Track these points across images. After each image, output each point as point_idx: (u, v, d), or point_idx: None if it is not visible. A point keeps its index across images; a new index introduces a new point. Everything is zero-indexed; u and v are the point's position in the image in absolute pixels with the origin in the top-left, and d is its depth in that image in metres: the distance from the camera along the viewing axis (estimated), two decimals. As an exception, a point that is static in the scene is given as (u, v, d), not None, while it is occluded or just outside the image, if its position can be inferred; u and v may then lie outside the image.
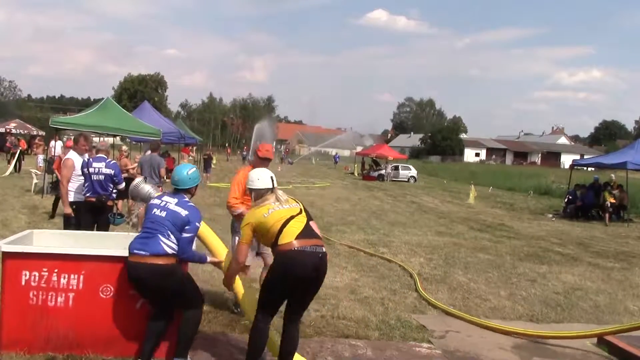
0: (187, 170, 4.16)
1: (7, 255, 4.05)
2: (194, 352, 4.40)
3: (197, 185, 4.22)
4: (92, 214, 6.64)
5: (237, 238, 4.74)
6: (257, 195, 4.02)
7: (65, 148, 11.64)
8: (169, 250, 3.87)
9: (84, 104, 76.86)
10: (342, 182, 29.71)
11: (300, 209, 3.94)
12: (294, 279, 3.70)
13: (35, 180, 15.44)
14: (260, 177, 4.06)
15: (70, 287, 4.09)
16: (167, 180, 15.58)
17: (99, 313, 4.11)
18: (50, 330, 4.07)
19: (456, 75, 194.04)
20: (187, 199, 4.08)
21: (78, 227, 6.57)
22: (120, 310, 4.13)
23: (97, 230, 6.48)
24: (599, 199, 19.06)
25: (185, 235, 3.90)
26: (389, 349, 4.87)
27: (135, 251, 3.87)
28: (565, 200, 19.42)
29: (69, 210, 6.71)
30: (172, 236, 3.88)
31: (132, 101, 62.84)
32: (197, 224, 3.98)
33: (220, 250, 4.44)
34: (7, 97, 67.01)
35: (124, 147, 13.86)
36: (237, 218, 5.21)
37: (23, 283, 4.04)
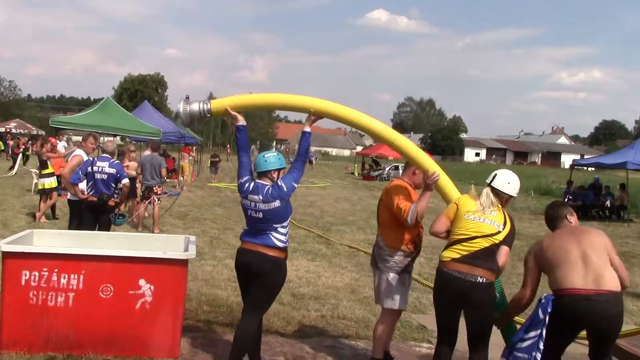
0: (265, 154, 4.02)
1: (7, 255, 4.05)
2: (194, 352, 4.41)
3: (278, 170, 3.95)
4: (93, 213, 6.64)
5: (385, 276, 4.17)
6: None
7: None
8: (279, 244, 3.92)
9: (84, 104, 76.89)
10: (342, 182, 29.71)
11: (492, 233, 3.64)
12: (442, 298, 3.76)
13: (35, 180, 15.44)
14: (511, 181, 3.81)
15: (70, 287, 4.09)
16: (167, 180, 15.64)
17: (99, 313, 4.11)
18: (50, 330, 4.07)
19: (456, 75, 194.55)
20: (268, 186, 3.87)
21: (80, 226, 6.58)
22: (120, 310, 4.14)
23: (99, 230, 6.49)
24: (599, 199, 19.08)
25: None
26: (390, 349, 4.86)
27: (247, 239, 3.95)
28: (565, 200, 19.43)
29: (85, 195, 6.66)
30: (279, 229, 3.92)
31: (132, 101, 62.66)
32: (290, 194, 3.89)
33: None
34: (7, 97, 66.83)
35: (132, 148, 13.95)
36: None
37: (23, 283, 4.04)
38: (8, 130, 36.01)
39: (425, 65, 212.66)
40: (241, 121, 4.13)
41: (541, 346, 3.49)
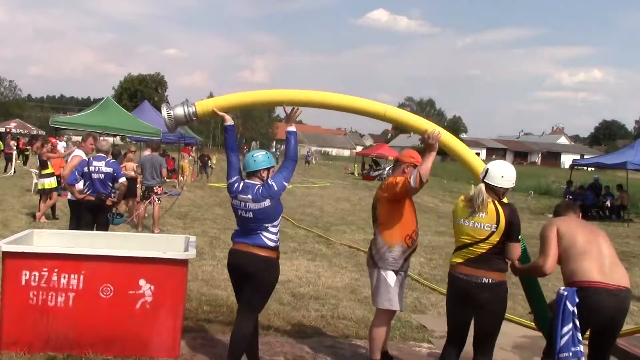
0: (254, 153, 4.02)
1: (7, 255, 4.06)
2: (194, 352, 4.41)
3: (268, 169, 3.96)
4: (91, 213, 6.64)
5: (383, 275, 4.17)
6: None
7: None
8: (270, 243, 3.88)
9: (84, 104, 76.81)
10: (342, 182, 29.71)
11: (486, 236, 3.58)
12: (451, 300, 3.82)
13: (35, 180, 15.43)
14: (505, 174, 3.70)
15: (70, 287, 4.09)
16: (167, 180, 15.63)
17: (99, 313, 4.11)
18: (50, 330, 4.07)
19: (456, 75, 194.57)
20: (258, 186, 3.87)
21: (78, 226, 6.59)
22: (120, 310, 4.14)
23: (97, 229, 6.49)
24: (599, 199, 19.08)
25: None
26: (389, 349, 4.86)
27: (238, 240, 3.94)
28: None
29: (82, 195, 6.66)
30: (270, 228, 3.88)
31: (132, 101, 62.65)
32: (280, 193, 3.87)
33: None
34: (7, 97, 66.77)
35: (132, 148, 13.98)
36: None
37: (23, 283, 4.05)
38: (8, 130, 35.96)
39: (425, 65, 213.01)
40: (229, 121, 4.09)
41: (579, 337, 3.49)
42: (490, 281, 3.59)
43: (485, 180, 3.72)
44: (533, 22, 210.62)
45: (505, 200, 3.83)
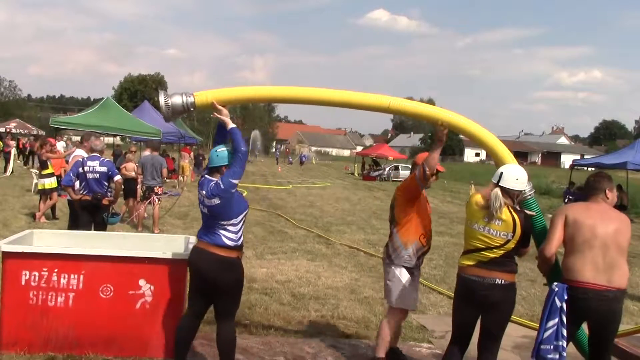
0: (217, 148, 3.93)
1: (7, 255, 4.06)
2: (194, 352, 4.40)
3: (228, 165, 3.84)
4: (89, 212, 6.64)
5: (397, 271, 4.29)
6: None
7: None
8: (229, 243, 3.77)
9: (84, 104, 76.97)
10: (342, 182, 29.71)
11: (501, 243, 3.61)
12: (461, 302, 3.79)
13: (35, 180, 15.43)
14: (519, 176, 3.74)
15: (70, 287, 4.10)
16: (167, 180, 15.65)
17: (99, 313, 4.12)
18: (50, 330, 4.08)
19: (456, 75, 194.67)
20: (212, 183, 3.78)
21: (76, 226, 6.58)
22: (120, 310, 4.14)
23: (95, 229, 6.49)
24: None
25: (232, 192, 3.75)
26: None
27: (200, 237, 3.89)
28: (565, 201, 19.41)
29: (78, 196, 6.66)
30: (228, 227, 3.78)
31: (132, 101, 62.69)
32: (229, 191, 3.72)
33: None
34: (7, 97, 66.79)
35: (133, 148, 13.95)
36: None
37: (23, 283, 4.05)
38: (8, 130, 35.97)
39: (425, 65, 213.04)
40: (226, 115, 3.98)
41: (564, 333, 3.55)
42: (502, 282, 3.62)
43: (500, 183, 3.72)
44: (533, 22, 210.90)
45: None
